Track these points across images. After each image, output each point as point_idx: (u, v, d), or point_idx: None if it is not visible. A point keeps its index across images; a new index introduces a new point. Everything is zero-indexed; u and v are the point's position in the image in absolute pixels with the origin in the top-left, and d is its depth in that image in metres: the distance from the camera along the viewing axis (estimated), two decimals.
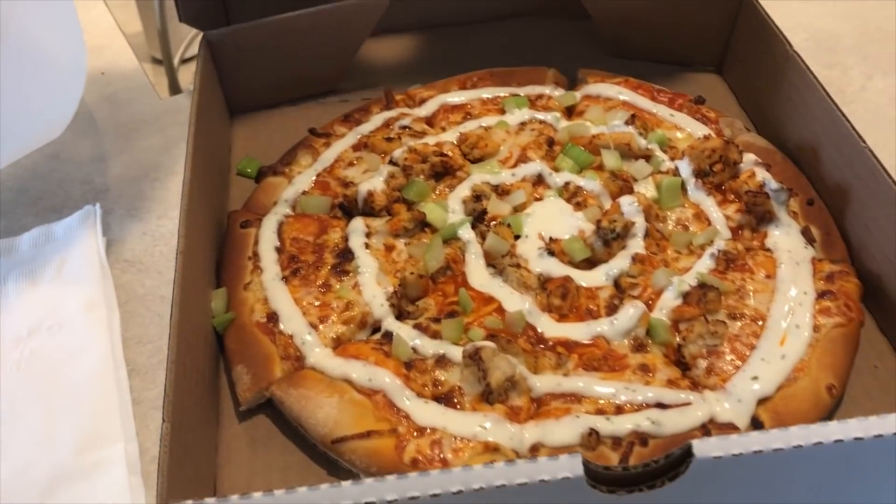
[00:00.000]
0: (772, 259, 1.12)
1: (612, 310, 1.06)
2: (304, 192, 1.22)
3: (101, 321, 1.09)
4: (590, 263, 1.11)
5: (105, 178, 1.37)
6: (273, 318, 1.05)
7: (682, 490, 0.79)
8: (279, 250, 1.13)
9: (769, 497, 0.84)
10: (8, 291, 1.14)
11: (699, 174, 1.21)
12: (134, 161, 1.40)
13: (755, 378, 0.98)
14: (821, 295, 1.07)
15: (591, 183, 1.21)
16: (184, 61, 1.71)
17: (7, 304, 1.12)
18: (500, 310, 1.05)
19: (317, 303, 1.07)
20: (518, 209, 1.18)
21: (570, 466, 0.76)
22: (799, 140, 1.28)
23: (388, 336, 1.03)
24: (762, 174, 1.21)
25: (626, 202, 1.15)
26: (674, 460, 0.79)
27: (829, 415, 0.99)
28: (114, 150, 1.43)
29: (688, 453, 0.78)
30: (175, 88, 1.67)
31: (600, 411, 0.95)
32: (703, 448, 0.77)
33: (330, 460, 0.96)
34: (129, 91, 1.54)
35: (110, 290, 1.14)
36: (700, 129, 1.31)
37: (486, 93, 1.38)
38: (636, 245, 1.12)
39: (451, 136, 1.30)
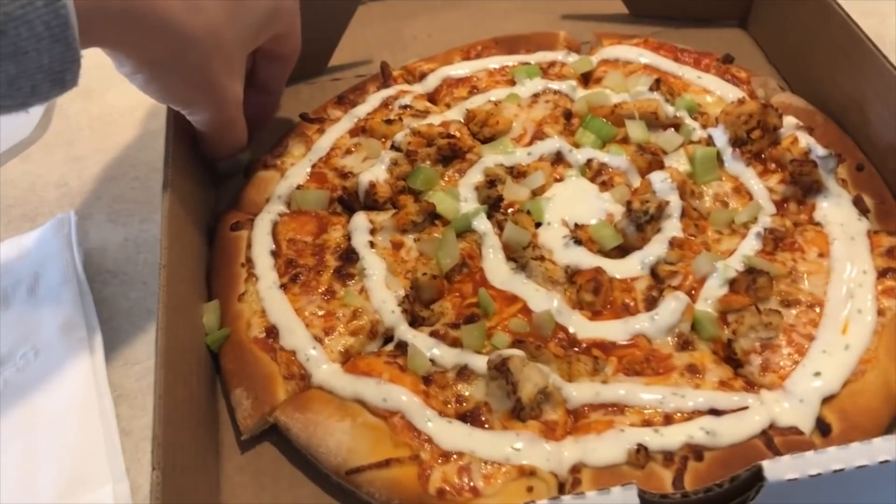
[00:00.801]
0: (823, 234, 1.01)
1: (650, 303, 0.94)
2: (299, 187, 1.10)
3: (81, 344, 0.99)
4: (622, 251, 1.00)
5: (81, 180, 1.25)
6: (272, 332, 0.94)
7: None
8: (275, 254, 1.01)
9: None
10: None
11: (736, 142, 1.09)
12: (112, 159, 1.28)
13: (817, 374, 0.87)
14: (882, 273, 0.96)
15: (616, 158, 1.09)
16: None
17: None
18: (526, 310, 0.94)
19: (320, 312, 0.95)
20: (537, 193, 1.07)
21: (625, 499, 0.65)
22: (842, 98, 1.16)
23: (402, 346, 0.92)
24: (805, 139, 1.09)
25: (658, 178, 1.03)
26: (741, 484, 0.69)
27: None
28: (89, 148, 1.30)
29: (757, 476, 0.67)
30: None
31: (647, 422, 0.84)
32: (776, 470, 0.67)
33: (346, 491, 0.86)
34: (102, 81, 1.41)
35: (90, 308, 1.03)
36: (731, 92, 1.19)
37: (493, 62, 1.26)
38: (672, 227, 1.00)
39: (456, 113, 1.18)
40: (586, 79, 1.25)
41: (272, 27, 1.03)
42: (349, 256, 1.00)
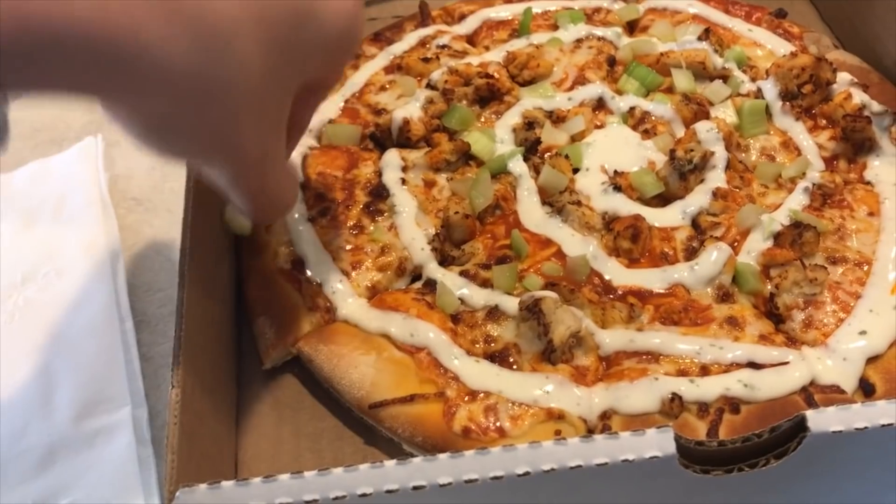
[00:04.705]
0: (873, 194, 0.97)
1: (690, 253, 0.91)
2: (331, 121, 1.07)
3: (103, 267, 0.97)
4: (662, 200, 0.96)
5: None
6: (299, 264, 0.91)
7: (789, 470, 0.66)
8: (304, 187, 0.98)
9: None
10: (0, 233, 1.01)
11: (786, 96, 1.05)
12: None
13: (863, 333, 0.84)
14: None
15: (660, 107, 1.05)
16: None
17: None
18: (560, 254, 0.91)
19: (348, 246, 0.93)
20: (576, 138, 1.03)
21: (660, 443, 0.63)
22: None
23: (431, 285, 0.90)
24: (860, 96, 1.04)
25: (704, 128, 0.99)
26: (781, 434, 0.66)
27: None
28: None
29: (800, 427, 0.64)
30: None
31: (682, 372, 0.81)
32: (820, 421, 0.64)
33: (367, 426, 0.83)
34: None
35: (114, 232, 1.01)
36: (783, 46, 1.14)
37: (536, 6, 1.21)
38: (716, 178, 0.96)
39: (496, 55, 1.14)
40: (632, 27, 1.21)
41: (334, 60, 0.75)
42: (380, 192, 0.97)
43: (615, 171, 0.99)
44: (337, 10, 0.68)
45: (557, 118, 1.05)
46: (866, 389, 0.82)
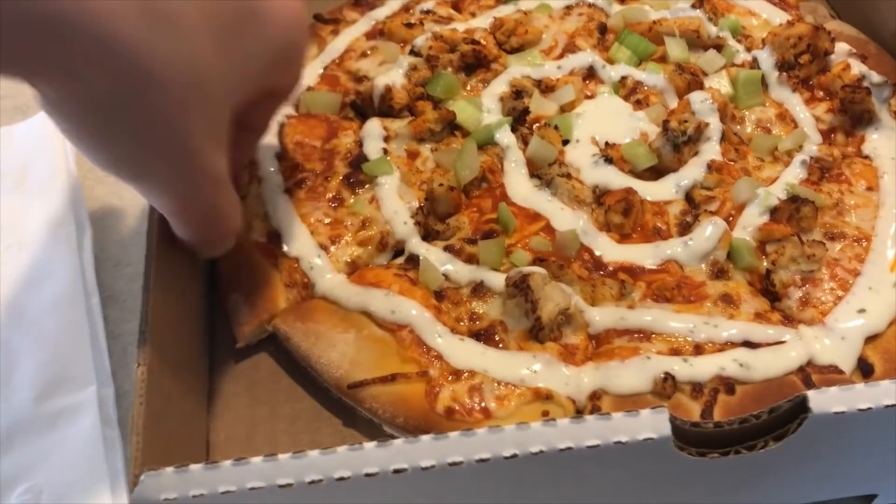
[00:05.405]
0: (872, 168, 0.94)
1: (684, 228, 0.88)
2: (310, 88, 1.02)
3: (69, 240, 0.92)
4: (655, 173, 0.93)
5: None
6: (275, 237, 0.87)
7: (788, 453, 0.63)
8: (280, 157, 0.94)
9: None
10: None
11: (783, 66, 1.01)
12: None
13: (862, 311, 0.81)
14: None
15: (653, 77, 1.01)
16: None
17: None
18: (549, 229, 0.87)
19: (327, 220, 0.89)
20: (566, 108, 0.99)
21: (654, 424, 0.60)
22: None
23: (414, 260, 0.86)
24: (859, 67, 1.01)
25: (698, 99, 0.96)
26: (781, 416, 0.63)
27: None
28: None
29: (801, 408, 0.61)
30: None
31: (675, 351, 0.78)
32: (822, 402, 0.61)
33: (346, 408, 0.80)
34: None
35: (80, 203, 0.96)
36: (779, 16, 1.11)
37: None
38: (711, 150, 0.93)
39: (482, 21, 1.10)
40: None
41: (281, 65, 0.73)
42: (360, 163, 0.93)
43: (606, 143, 0.95)
44: (278, 12, 0.69)
45: (546, 87, 1.01)
46: (865, 370, 0.79)
